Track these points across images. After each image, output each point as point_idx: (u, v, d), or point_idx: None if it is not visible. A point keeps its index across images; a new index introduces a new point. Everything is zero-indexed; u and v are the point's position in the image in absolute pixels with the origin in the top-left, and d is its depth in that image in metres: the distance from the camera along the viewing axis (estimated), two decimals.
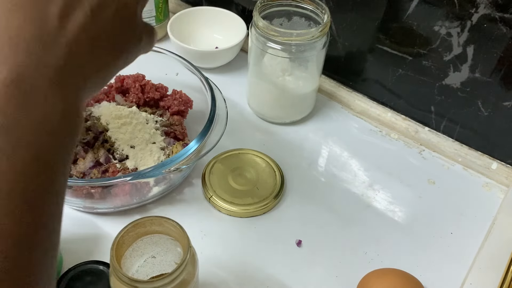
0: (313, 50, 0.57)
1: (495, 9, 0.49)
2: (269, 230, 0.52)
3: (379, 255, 0.50)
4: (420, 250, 0.51)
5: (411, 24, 0.56)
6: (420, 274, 0.47)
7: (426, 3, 0.54)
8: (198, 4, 0.76)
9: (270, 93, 0.61)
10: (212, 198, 0.53)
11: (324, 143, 0.62)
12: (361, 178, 0.58)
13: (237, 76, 0.69)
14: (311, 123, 0.65)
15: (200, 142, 0.49)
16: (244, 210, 0.52)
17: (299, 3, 0.58)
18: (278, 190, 0.54)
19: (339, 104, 0.67)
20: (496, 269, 0.47)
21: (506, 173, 0.58)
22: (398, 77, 0.61)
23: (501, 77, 0.53)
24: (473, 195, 0.57)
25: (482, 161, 0.59)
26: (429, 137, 0.62)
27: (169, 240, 0.39)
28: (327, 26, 0.55)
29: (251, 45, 0.59)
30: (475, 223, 0.54)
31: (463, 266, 0.50)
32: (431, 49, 0.56)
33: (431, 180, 0.58)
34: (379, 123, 0.65)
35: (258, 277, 0.48)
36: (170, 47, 0.65)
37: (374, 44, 0.61)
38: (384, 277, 0.45)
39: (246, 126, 0.63)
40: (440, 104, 0.60)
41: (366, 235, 0.52)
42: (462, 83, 0.56)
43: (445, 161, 0.61)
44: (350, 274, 0.48)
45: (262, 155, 0.58)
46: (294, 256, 0.50)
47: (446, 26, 0.54)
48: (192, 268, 0.38)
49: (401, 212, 0.55)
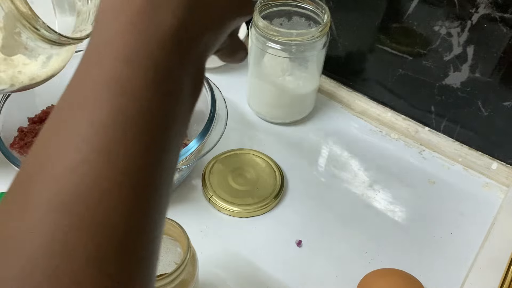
0: (313, 50, 0.57)
1: (495, 9, 0.49)
2: (269, 230, 0.52)
3: (379, 255, 0.50)
4: (420, 250, 0.51)
5: (411, 24, 0.56)
6: (420, 274, 0.47)
7: (426, 3, 0.54)
8: None
9: (270, 93, 0.61)
10: (212, 198, 0.53)
11: (324, 143, 0.62)
12: (361, 178, 0.58)
13: (237, 76, 0.69)
14: (311, 123, 0.65)
15: (200, 142, 0.49)
16: (244, 210, 0.52)
17: (299, 3, 0.58)
18: (278, 190, 0.54)
19: (339, 104, 0.67)
20: (496, 269, 0.47)
21: (506, 173, 0.58)
22: (398, 77, 0.61)
23: (501, 77, 0.53)
24: (473, 195, 0.57)
25: (482, 161, 0.59)
26: (429, 137, 0.62)
27: (169, 240, 0.39)
28: (327, 26, 0.55)
29: (251, 45, 0.59)
30: (475, 223, 0.54)
31: (463, 266, 0.50)
32: (431, 49, 0.56)
33: (431, 180, 0.58)
34: (379, 123, 0.65)
35: (258, 277, 0.48)
36: None
37: (374, 44, 0.61)
38: (384, 277, 0.45)
39: (246, 126, 0.63)
40: (440, 104, 0.60)
41: (366, 235, 0.52)
42: (462, 83, 0.56)
43: (445, 161, 0.61)
44: (350, 274, 0.48)
45: (262, 155, 0.58)
46: (294, 256, 0.50)
47: (446, 26, 0.54)
48: (192, 268, 0.38)
49: (401, 212, 0.55)
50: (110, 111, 0.19)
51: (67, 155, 0.19)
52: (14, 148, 0.50)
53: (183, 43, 0.22)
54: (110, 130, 0.19)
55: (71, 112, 0.20)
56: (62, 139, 0.19)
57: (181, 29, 0.21)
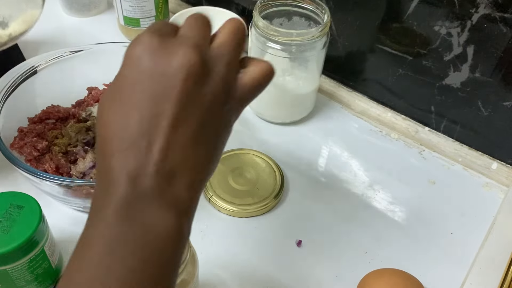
0: (313, 50, 0.57)
1: (495, 9, 0.49)
2: (269, 230, 0.52)
3: (379, 255, 0.50)
4: (420, 250, 0.51)
5: (411, 24, 0.56)
6: (420, 274, 0.47)
7: (426, 3, 0.54)
8: (198, 4, 0.76)
9: (270, 93, 0.61)
10: (212, 198, 0.53)
11: (324, 143, 0.62)
12: (361, 178, 0.58)
13: None
14: (311, 123, 0.65)
15: None
16: (244, 210, 0.52)
17: (299, 3, 0.58)
18: (278, 190, 0.54)
19: (339, 104, 0.67)
20: (496, 269, 0.47)
21: (506, 173, 0.58)
22: (398, 77, 0.61)
23: (501, 77, 0.53)
24: (473, 195, 0.57)
25: (482, 161, 0.59)
26: (429, 137, 0.62)
27: None
28: (327, 26, 0.55)
29: (251, 45, 0.59)
30: (475, 223, 0.54)
31: (463, 266, 0.50)
32: (431, 49, 0.56)
33: (431, 180, 0.58)
34: (379, 123, 0.65)
35: (258, 277, 0.48)
36: None
37: (374, 44, 0.61)
38: (384, 277, 0.45)
39: (246, 126, 0.63)
40: (440, 104, 0.60)
41: (366, 235, 0.52)
42: (462, 83, 0.56)
43: (445, 161, 0.61)
44: (350, 274, 0.48)
45: (262, 155, 0.58)
46: (294, 256, 0.50)
47: (446, 26, 0.54)
48: (192, 268, 0.38)
49: (401, 212, 0.55)
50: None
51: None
52: (14, 148, 0.50)
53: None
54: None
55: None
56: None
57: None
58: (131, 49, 0.26)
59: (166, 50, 0.25)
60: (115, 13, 0.72)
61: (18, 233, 0.38)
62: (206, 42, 0.27)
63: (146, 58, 0.25)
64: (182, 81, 0.25)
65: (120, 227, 0.23)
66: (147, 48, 0.25)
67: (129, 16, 0.70)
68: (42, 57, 0.55)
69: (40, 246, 0.40)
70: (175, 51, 0.25)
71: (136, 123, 0.25)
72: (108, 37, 0.73)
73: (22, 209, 0.39)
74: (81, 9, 0.78)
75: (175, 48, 0.25)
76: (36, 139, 0.51)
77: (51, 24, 0.76)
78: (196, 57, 0.25)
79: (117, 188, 0.24)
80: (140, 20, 0.71)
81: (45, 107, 0.56)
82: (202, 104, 0.26)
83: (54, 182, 0.43)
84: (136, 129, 0.24)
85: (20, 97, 0.52)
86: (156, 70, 0.25)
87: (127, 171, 0.24)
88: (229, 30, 0.29)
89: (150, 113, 0.25)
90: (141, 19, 0.70)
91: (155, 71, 0.25)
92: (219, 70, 0.27)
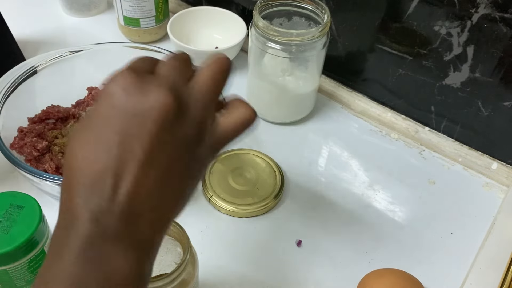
0: (313, 50, 0.57)
1: (495, 9, 0.49)
2: (269, 230, 0.52)
3: (379, 255, 0.50)
4: (420, 250, 0.51)
5: (411, 24, 0.56)
6: (420, 274, 0.47)
7: (426, 3, 0.53)
8: (198, 4, 0.76)
9: (270, 93, 0.61)
10: (212, 198, 0.53)
11: (324, 143, 0.62)
12: (361, 178, 0.58)
13: (237, 76, 0.69)
14: (311, 123, 0.65)
15: None
16: (244, 210, 0.52)
17: (299, 3, 0.58)
18: (278, 190, 0.54)
19: (339, 104, 0.67)
20: (496, 269, 0.47)
21: (506, 173, 0.58)
22: (398, 77, 0.61)
23: (501, 77, 0.53)
24: (473, 195, 0.57)
25: (482, 161, 0.59)
26: (429, 137, 0.62)
27: (169, 240, 0.39)
28: (327, 26, 0.55)
29: (251, 45, 0.59)
30: (475, 223, 0.54)
31: (463, 266, 0.50)
32: (431, 49, 0.56)
33: (431, 180, 0.58)
34: (379, 123, 0.65)
35: (258, 277, 0.48)
36: (170, 47, 0.65)
37: (374, 44, 0.61)
38: (384, 277, 0.45)
39: None
40: (440, 104, 0.60)
41: (366, 235, 0.52)
42: (462, 83, 0.56)
43: (445, 161, 0.61)
44: (350, 274, 0.48)
45: (262, 155, 0.58)
46: (294, 256, 0.50)
47: (446, 26, 0.54)
48: (192, 268, 0.38)
49: (401, 212, 0.55)
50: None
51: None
52: (14, 148, 0.50)
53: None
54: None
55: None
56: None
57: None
58: (107, 85, 0.25)
59: (142, 89, 0.25)
60: (115, 13, 0.72)
61: (18, 233, 0.38)
62: (184, 82, 0.27)
63: (120, 95, 0.25)
64: (153, 122, 0.24)
65: (82, 269, 0.23)
66: (122, 85, 0.25)
67: (129, 16, 0.70)
68: (42, 57, 0.55)
69: (40, 246, 0.40)
70: (150, 91, 0.25)
71: (104, 160, 0.24)
72: (108, 37, 0.73)
73: (22, 209, 0.39)
74: (81, 9, 0.78)
75: (150, 87, 0.25)
76: (36, 139, 0.51)
77: (51, 24, 0.76)
78: (170, 98, 0.25)
79: (80, 225, 0.23)
80: (140, 20, 0.71)
81: (45, 107, 0.56)
82: (174, 146, 0.25)
83: (54, 182, 0.43)
84: (103, 166, 0.24)
85: (20, 97, 0.52)
86: (129, 109, 0.24)
87: (90, 209, 0.23)
88: (211, 70, 0.28)
89: (118, 152, 0.24)
90: (141, 19, 0.71)
91: (128, 110, 0.24)
92: (195, 113, 0.26)
